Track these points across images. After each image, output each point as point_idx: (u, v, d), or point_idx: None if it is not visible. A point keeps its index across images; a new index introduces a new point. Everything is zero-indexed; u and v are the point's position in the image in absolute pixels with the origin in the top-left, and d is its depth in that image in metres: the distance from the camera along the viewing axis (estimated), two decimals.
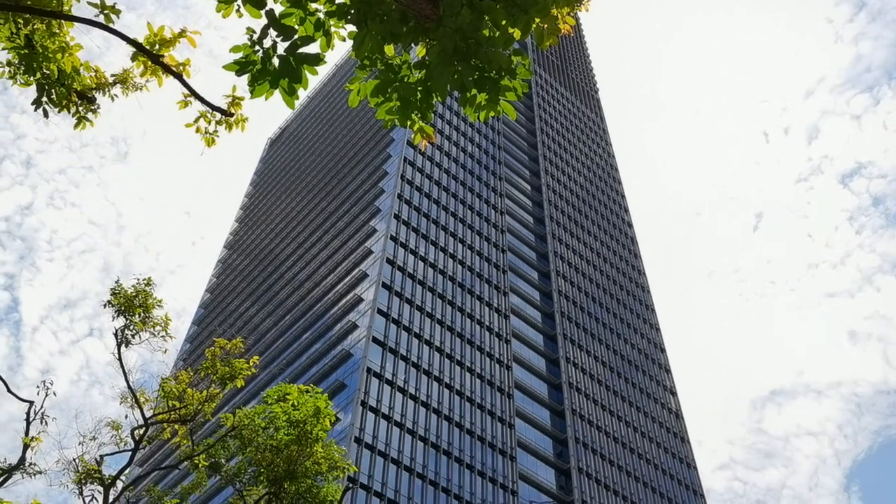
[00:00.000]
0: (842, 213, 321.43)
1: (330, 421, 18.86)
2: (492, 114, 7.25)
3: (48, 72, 7.73)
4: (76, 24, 7.72)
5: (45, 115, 7.93)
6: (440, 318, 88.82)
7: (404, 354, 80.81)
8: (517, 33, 6.82)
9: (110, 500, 16.09)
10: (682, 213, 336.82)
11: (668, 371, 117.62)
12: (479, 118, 7.34)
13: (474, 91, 6.97)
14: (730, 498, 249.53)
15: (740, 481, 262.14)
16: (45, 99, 7.84)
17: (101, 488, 15.92)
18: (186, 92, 8.33)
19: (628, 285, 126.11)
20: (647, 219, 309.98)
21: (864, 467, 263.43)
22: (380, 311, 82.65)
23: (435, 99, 7.11)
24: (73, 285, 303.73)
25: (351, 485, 21.79)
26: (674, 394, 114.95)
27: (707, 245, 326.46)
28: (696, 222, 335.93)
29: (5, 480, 13.47)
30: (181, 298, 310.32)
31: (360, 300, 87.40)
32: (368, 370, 75.61)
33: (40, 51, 7.57)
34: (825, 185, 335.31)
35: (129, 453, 16.93)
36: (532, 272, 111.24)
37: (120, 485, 16.77)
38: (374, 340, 79.19)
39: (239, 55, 6.82)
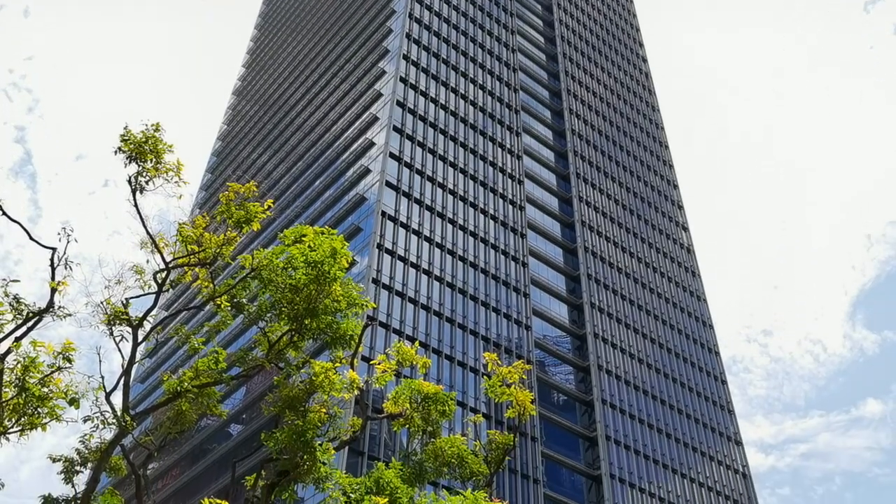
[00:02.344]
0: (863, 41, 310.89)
1: (347, 261, 19.19)
2: None
3: None
4: None
5: None
6: (452, 160, 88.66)
7: (417, 197, 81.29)
8: None
9: (139, 339, 16.75)
10: (699, 59, 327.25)
11: (680, 207, 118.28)
12: None
13: None
14: (736, 329, 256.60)
15: (748, 313, 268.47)
16: None
17: (129, 329, 16.51)
18: None
19: (642, 122, 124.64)
20: (662, 58, 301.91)
21: (870, 296, 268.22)
22: (392, 155, 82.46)
23: None
24: (84, 137, 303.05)
25: (370, 321, 22.47)
26: (686, 229, 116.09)
27: (723, 97, 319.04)
28: (713, 72, 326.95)
29: (36, 323, 13.97)
30: (193, 147, 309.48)
31: (371, 144, 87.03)
32: (383, 214, 76.35)
33: None
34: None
35: (154, 296, 17.44)
36: (545, 111, 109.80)
37: (148, 325, 17.40)
38: (388, 184, 79.48)
39: None
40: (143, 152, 16.25)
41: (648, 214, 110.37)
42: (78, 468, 17.71)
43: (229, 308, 19.01)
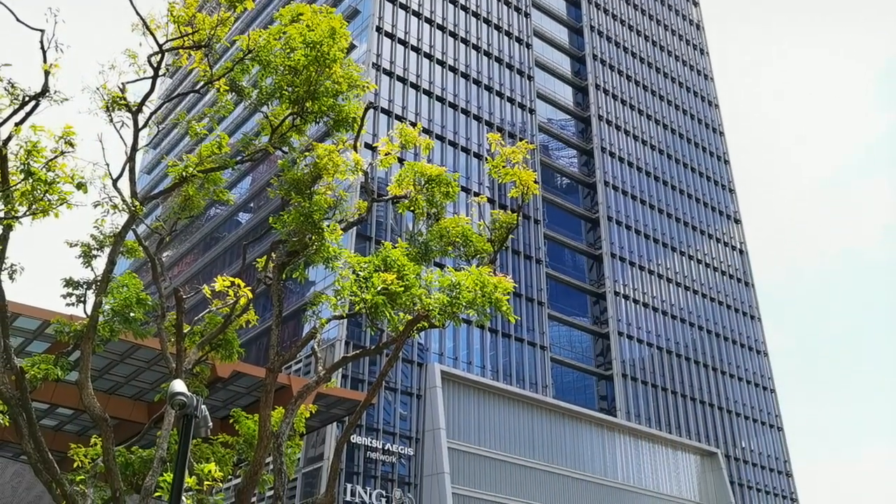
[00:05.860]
0: None
1: (346, 41, 18.66)
2: None
3: None
4: None
5: None
6: None
7: None
8: None
9: (140, 125, 16.65)
10: None
11: None
12: None
13: None
14: (742, 112, 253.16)
15: (755, 96, 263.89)
16: None
17: (129, 114, 16.36)
18: None
19: None
20: None
21: (889, 75, 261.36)
22: None
23: None
24: None
25: (371, 106, 22.16)
26: (696, 4, 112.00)
27: None
28: None
29: (34, 108, 13.81)
30: None
31: None
32: None
33: None
34: None
35: (151, 81, 17.11)
36: None
37: (147, 111, 17.22)
38: None
39: None
40: None
41: None
42: (95, 252, 18.27)
43: (228, 92, 18.69)
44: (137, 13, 16.31)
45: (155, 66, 16.88)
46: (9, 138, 13.26)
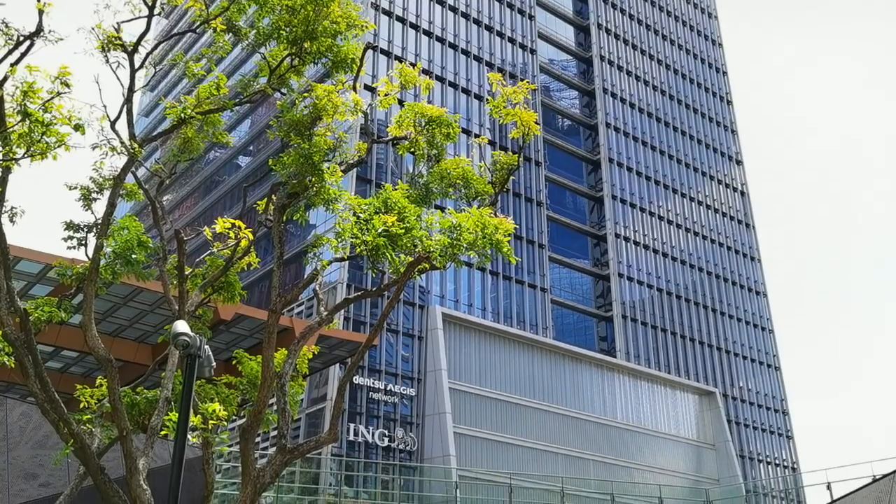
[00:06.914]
0: None
1: None
2: None
3: None
4: None
5: None
6: None
7: None
8: None
9: (136, 66, 16.44)
10: None
11: None
12: None
13: None
14: (749, 59, 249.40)
15: (761, 42, 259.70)
16: None
17: (125, 55, 16.15)
18: None
19: None
20: None
21: None
22: None
23: None
24: None
25: (371, 47, 21.81)
26: None
27: None
28: None
29: (29, 49, 13.62)
30: None
31: None
32: None
33: None
34: None
35: (146, 20, 16.84)
36: None
37: (143, 52, 16.99)
38: None
39: None
40: None
41: None
42: (94, 195, 18.21)
43: (225, 32, 18.40)
44: None
45: (150, 4, 16.60)
46: (4, 79, 13.11)
